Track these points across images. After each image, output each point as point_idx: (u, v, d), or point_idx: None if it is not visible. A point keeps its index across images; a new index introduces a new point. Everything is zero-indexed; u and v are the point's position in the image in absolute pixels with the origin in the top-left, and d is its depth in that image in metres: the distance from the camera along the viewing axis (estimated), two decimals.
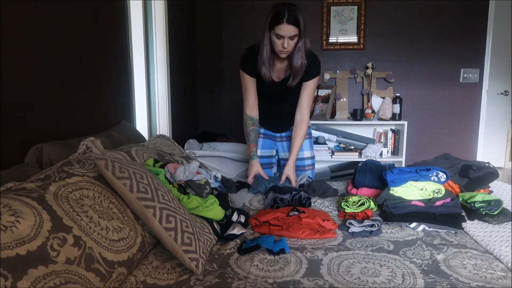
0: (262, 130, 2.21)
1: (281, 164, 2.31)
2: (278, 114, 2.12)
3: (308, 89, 2.00)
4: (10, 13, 1.30)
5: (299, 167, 2.19)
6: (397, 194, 1.56)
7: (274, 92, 2.01)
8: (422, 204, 1.51)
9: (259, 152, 2.20)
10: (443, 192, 1.53)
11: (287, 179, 1.99)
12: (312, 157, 2.24)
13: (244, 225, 1.43)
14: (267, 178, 2.00)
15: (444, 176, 1.60)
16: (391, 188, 1.58)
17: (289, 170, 2.00)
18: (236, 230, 1.36)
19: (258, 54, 1.87)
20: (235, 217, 1.42)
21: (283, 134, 2.22)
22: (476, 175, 1.73)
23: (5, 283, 0.69)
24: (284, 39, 1.75)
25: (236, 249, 1.24)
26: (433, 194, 1.52)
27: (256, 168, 2.03)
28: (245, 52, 1.97)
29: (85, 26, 1.84)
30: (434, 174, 1.58)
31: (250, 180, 2.00)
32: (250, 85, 2.00)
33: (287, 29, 1.74)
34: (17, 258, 0.74)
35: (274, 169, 2.35)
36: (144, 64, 2.73)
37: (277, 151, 2.30)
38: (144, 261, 1.13)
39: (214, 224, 1.34)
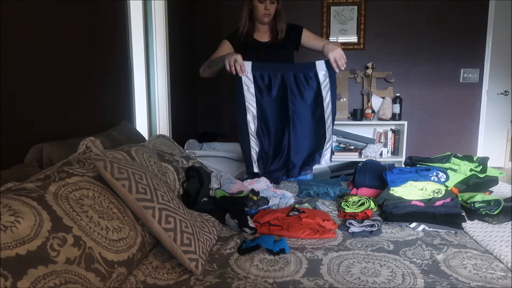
0: None
1: None
2: None
3: (309, 36, 2.20)
4: (10, 13, 1.30)
5: None
6: (397, 194, 1.56)
7: (265, 54, 2.13)
8: (422, 204, 1.51)
9: None
10: (443, 192, 1.53)
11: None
12: None
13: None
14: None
15: (444, 176, 1.60)
16: (391, 188, 1.58)
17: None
18: (250, 222, 1.42)
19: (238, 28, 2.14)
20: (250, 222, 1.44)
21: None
22: (476, 181, 1.73)
23: (5, 283, 0.69)
24: (266, 2, 2.03)
25: (236, 249, 1.24)
26: (433, 194, 1.52)
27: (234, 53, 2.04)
28: (230, 32, 2.22)
29: (85, 26, 1.84)
30: (434, 174, 1.58)
31: (234, 68, 1.99)
32: (225, 50, 2.14)
33: None
34: (17, 258, 0.74)
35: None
36: (144, 64, 2.73)
37: None
38: (144, 261, 1.13)
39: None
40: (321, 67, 2.02)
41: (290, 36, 2.18)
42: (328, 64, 2.00)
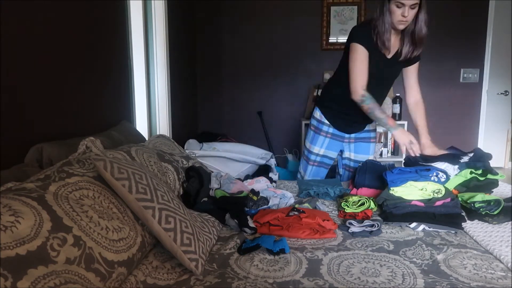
0: (330, 130, 2.12)
1: (342, 164, 2.24)
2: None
3: (416, 70, 2.00)
4: (11, 13, 1.30)
5: (364, 139, 2.16)
6: (397, 194, 1.56)
7: (381, 70, 1.90)
8: (422, 204, 1.51)
9: (321, 151, 2.13)
10: (443, 192, 1.53)
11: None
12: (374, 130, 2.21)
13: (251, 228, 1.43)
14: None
15: (444, 176, 1.60)
16: (391, 188, 1.58)
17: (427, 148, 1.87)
18: (250, 222, 1.41)
19: (373, 29, 1.81)
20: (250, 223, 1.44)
21: (352, 135, 2.15)
22: (476, 184, 1.73)
23: (5, 283, 0.69)
24: (405, 7, 1.70)
25: (236, 249, 1.24)
26: (433, 194, 1.52)
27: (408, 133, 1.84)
28: (357, 27, 1.92)
29: (85, 26, 1.84)
30: (434, 174, 1.58)
31: (410, 148, 1.80)
32: (364, 59, 1.83)
33: None
34: (17, 258, 0.74)
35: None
36: (144, 64, 2.73)
37: (341, 152, 2.21)
38: (144, 261, 1.13)
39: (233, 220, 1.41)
40: None
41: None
42: None
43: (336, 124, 2.11)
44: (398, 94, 3.83)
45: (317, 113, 2.16)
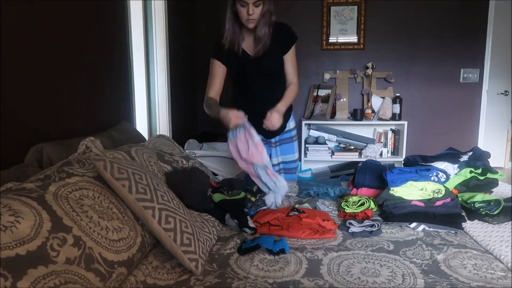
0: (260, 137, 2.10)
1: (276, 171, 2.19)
2: (262, 104, 1.87)
3: (290, 58, 1.94)
4: (11, 13, 1.30)
5: (287, 170, 2.15)
6: (397, 194, 1.56)
7: (251, 68, 1.91)
8: (422, 204, 1.51)
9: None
10: (443, 192, 1.53)
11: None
12: (296, 160, 2.17)
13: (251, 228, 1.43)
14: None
15: (444, 176, 1.60)
16: (391, 188, 1.58)
17: (271, 112, 1.75)
18: (250, 222, 1.41)
19: (225, 36, 1.86)
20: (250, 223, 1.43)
21: (277, 138, 2.12)
22: (476, 183, 1.73)
23: (5, 283, 0.69)
24: (249, 5, 1.73)
25: (236, 249, 1.24)
26: (433, 194, 1.52)
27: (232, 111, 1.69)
28: (215, 41, 1.94)
29: (85, 26, 1.84)
30: (434, 174, 1.58)
31: (235, 122, 1.64)
32: (219, 72, 1.94)
33: None
34: (17, 258, 0.74)
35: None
36: (144, 64, 2.73)
37: (270, 157, 2.14)
38: (144, 261, 1.13)
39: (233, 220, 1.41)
40: None
41: (278, 39, 1.90)
42: None
43: (257, 130, 1.85)
44: (398, 94, 3.83)
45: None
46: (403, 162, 2.05)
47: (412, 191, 1.55)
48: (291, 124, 2.15)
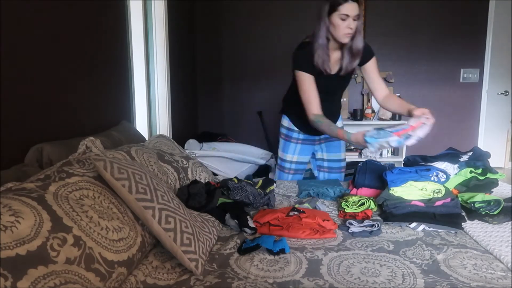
0: (301, 136, 2.14)
1: (316, 166, 2.27)
2: (327, 110, 1.92)
3: (374, 69, 1.99)
4: (11, 13, 1.30)
5: (331, 169, 2.21)
6: (397, 194, 1.56)
7: (329, 86, 1.93)
8: (422, 204, 1.51)
9: (294, 158, 2.16)
10: (443, 192, 1.53)
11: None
12: (343, 160, 2.27)
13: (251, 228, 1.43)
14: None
15: (444, 176, 1.60)
16: (391, 188, 1.58)
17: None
18: (250, 222, 1.41)
19: (311, 50, 1.82)
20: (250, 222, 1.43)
21: (322, 136, 2.17)
22: (476, 183, 1.73)
23: (5, 283, 0.69)
24: (350, 19, 1.70)
25: (236, 249, 1.24)
26: (433, 194, 1.52)
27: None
28: (297, 52, 1.89)
29: (85, 26, 1.84)
30: (434, 174, 1.58)
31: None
32: (311, 84, 1.85)
33: (352, 8, 1.70)
34: (17, 258, 0.74)
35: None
36: (144, 64, 2.73)
37: (313, 154, 2.24)
38: (144, 261, 1.13)
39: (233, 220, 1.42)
40: None
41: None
42: None
43: (304, 130, 2.12)
44: (398, 94, 3.83)
45: (285, 121, 2.18)
46: (403, 162, 2.05)
47: (412, 191, 1.55)
48: (339, 123, 2.20)
